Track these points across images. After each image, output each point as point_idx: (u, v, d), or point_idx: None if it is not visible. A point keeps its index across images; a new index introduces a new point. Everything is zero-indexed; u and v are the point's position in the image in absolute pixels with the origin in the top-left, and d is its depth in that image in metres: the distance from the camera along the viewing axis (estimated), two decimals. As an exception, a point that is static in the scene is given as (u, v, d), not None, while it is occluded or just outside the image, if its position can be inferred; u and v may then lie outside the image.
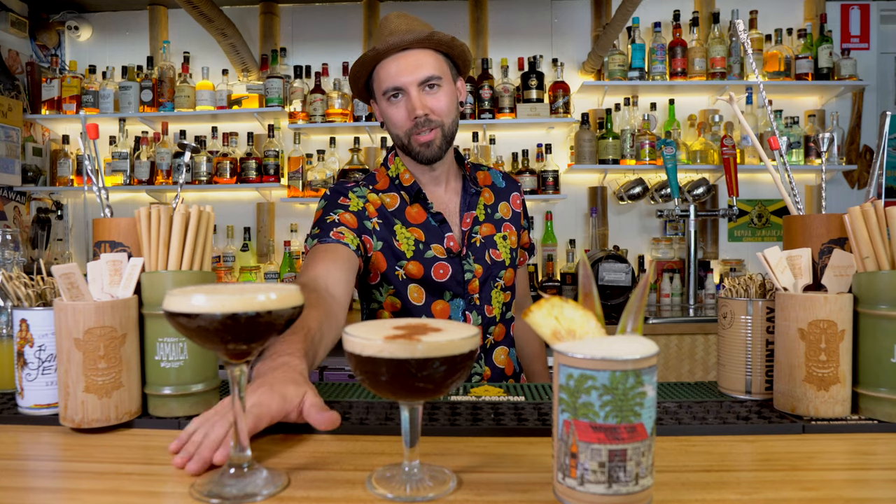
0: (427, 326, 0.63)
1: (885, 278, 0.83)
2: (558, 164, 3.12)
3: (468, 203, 1.40)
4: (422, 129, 1.28)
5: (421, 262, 1.32)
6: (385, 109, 1.33)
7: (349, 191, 1.37)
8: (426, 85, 1.28)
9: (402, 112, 1.29)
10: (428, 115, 1.27)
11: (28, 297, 0.89)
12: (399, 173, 1.39)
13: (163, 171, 3.11)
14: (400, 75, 1.26)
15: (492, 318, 1.39)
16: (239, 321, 0.61)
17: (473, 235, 1.38)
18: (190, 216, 0.90)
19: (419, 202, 1.37)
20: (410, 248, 1.33)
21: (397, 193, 1.38)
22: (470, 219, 1.39)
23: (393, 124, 1.32)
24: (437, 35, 1.27)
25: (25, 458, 0.77)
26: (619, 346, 0.59)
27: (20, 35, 3.22)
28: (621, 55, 3.02)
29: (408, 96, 1.28)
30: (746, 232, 3.23)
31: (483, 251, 1.38)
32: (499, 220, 1.44)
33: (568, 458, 0.59)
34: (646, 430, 0.58)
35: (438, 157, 1.33)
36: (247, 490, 0.64)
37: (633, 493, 0.58)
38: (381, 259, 1.33)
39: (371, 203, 1.35)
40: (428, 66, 1.27)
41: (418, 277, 1.32)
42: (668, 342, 2.46)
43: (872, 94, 3.19)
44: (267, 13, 3.24)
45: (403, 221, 1.35)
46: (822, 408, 0.85)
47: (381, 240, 1.33)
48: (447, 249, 1.34)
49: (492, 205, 1.45)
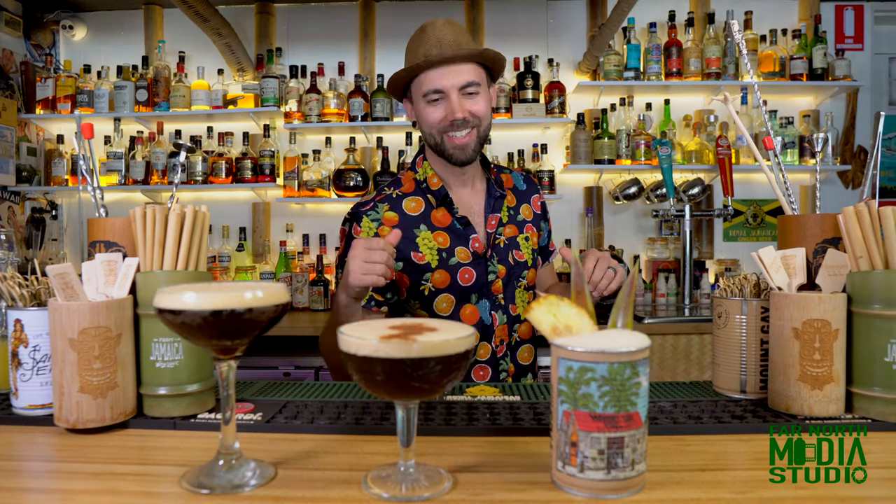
0: (422, 326, 0.64)
1: (879, 278, 0.84)
2: (554, 164, 3.12)
3: (493, 205, 1.44)
4: (459, 129, 1.32)
5: (446, 270, 1.35)
6: (422, 109, 1.36)
7: (364, 216, 1.38)
8: (466, 91, 1.32)
9: (441, 112, 1.33)
10: (465, 117, 1.32)
11: (22, 298, 0.88)
12: (427, 177, 1.42)
13: (158, 171, 3.10)
14: (443, 79, 1.31)
15: (516, 316, 1.42)
16: (221, 317, 0.61)
17: (497, 237, 1.42)
18: (185, 216, 0.90)
19: (444, 206, 1.40)
20: (434, 258, 1.35)
21: (422, 197, 1.41)
22: (495, 221, 1.43)
23: (428, 124, 1.35)
24: (486, 53, 1.34)
25: (20, 458, 0.76)
26: (615, 339, 0.62)
27: (14, 34, 3.20)
28: (617, 55, 3.03)
29: (448, 99, 1.32)
30: (741, 232, 3.24)
31: (507, 252, 1.42)
32: (521, 222, 1.49)
33: (568, 447, 0.62)
34: (641, 419, 0.61)
35: (472, 159, 1.37)
36: (235, 481, 0.65)
37: (630, 477, 0.61)
38: (403, 278, 1.36)
39: (385, 223, 1.37)
40: (469, 73, 1.33)
41: (445, 286, 1.35)
42: (663, 342, 2.46)
43: (867, 94, 3.20)
44: (262, 13, 3.24)
45: (429, 225, 1.38)
46: (817, 407, 0.85)
47: (400, 259, 1.35)
48: (472, 252, 1.38)
49: (514, 207, 1.49)
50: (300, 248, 3.17)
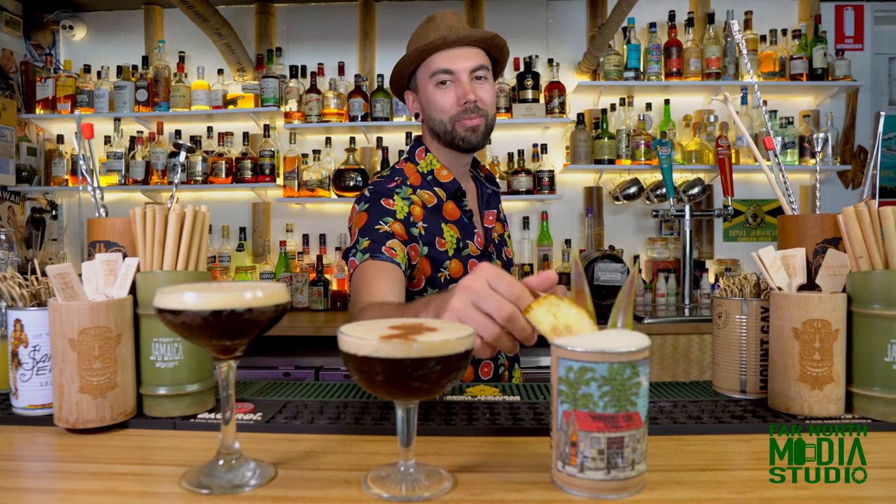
0: (423, 326, 0.63)
1: (879, 278, 0.84)
2: (554, 164, 3.12)
3: (488, 201, 1.44)
4: (470, 115, 1.32)
5: (460, 260, 1.34)
6: (431, 94, 1.33)
7: (393, 193, 1.31)
8: (476, 75, 1.33)
9: (451, 97, 1.32)
10: (476, 102, 1.32)
11: (22, 298, 0.88)
12: (434, 169, 1.38)
13: (158, 171, 3.10)
14: (454, 60, 1.31)
15: None
16: (221, 317, 0.61)
17: (493, 233, 1.43)
18: (185, 216, 0.90)
19: (454, 199, 1.38)
20: (453, 246, 1.33)
21: (431, 190, 1.37)
22: (492, 216, 1.44)
23: (439, 109, 1.33)
24: (496, 38, 1.35)
25: (20, 458, 0.76)
26: (615, 339, 0.62)
27: (14, 34, 3.20)
28: (617, 55, 3.03)
29: (458, 82, 1.31)
30: (741, 232, 3.24)
31: (500, 248, 1.44)
32: (503, 221, 1.51)
33: (568, 447, 0.62)
34: (641, 418, 0.61)
35: (481, 145, 1.36)
36: (235, 481, 0.65)
37: (630, 477, 0.61)
38: (426, 265, 1.31)
39: (416, 203, 1.32)
40: (480, 57, 1.34)
41: (458, 276, 1.32)
42: (663, 342, 2.46)
43: (866, 94, 3.20)
44: (262, 13, 3.24)
45: (442, 218, 1.36)
46: (817, 407, 0.85)
47: (427, 244, 1.30)
48: (477, 246, 1.38)
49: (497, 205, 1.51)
50: (300, 249, 3.17)
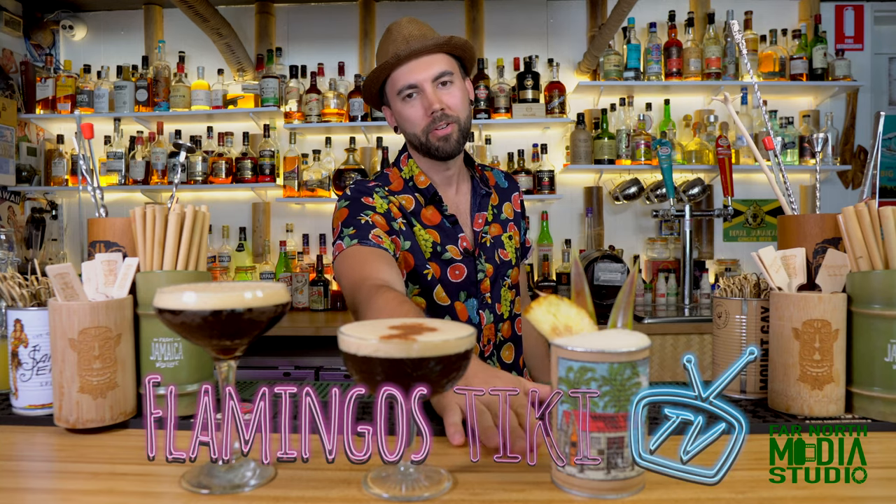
0: (423, 326, 0.64)
1: (879, 278, 0.84)
2: (554, 164, 3.12)
3: (479, 204, 1.44)
4: (439, 125, 1.31)
5: (438, 264, 1.35)
6: (401, 110, 1.35)
7: (372, 191, 1.36)
8: (440, 82, 1.32)
9: (419, 109, 1.32)
10: (444, 109, 1.31)
11: (22, 298, 0.88)
12: (413, 175, 1.40)
13: (158, 171, 3.10)
14: (414, 73, 1.30)
15: (501, 315, 1.42)
16: (221, 317, 0.61)
17: (484, 236, 1.42)
18: (185, 216, 0.90)
19: (434, 204, 1.39)
20: (428, 250, 1.35)
21: (412, 195, 1.39)
22: (482, 219, 1.43)
23: (410, 123, 1.34)
24: (453, 40, 1.33)
25: (20, 458, 0.76)
26: (615, 339, 0.62)
27: (14, 34, 3.20)
28: (617, 55, 3.03)
29: (423, 93, 1.31)
30: (741, 232, 3.24)
31: (493, 251, 1.42)
32: (504, 221, 1.48)
33: (567, 447, 0.62)
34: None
35: (457, 151, 1.35)
36: (235, 481, 0.65)
37: (629, 477, 0.62)
38: (409, 257, 1.34)
39: (393, 204, 1.36)
40: (440, 64, 1.32)
41: (439, 277, 1.34)
42: (663, 342, 2.46)
43: (866, 94, 3.20)
44: (263, 13, 3.23)
45: (420, 223, 1.37)
46: (817, 407, 0.85)
47: (408, 239, 1.34)
48: (462, 250, 1.37)
49: (497, 205, 1.49)
50: (300, 248, 3.17)
